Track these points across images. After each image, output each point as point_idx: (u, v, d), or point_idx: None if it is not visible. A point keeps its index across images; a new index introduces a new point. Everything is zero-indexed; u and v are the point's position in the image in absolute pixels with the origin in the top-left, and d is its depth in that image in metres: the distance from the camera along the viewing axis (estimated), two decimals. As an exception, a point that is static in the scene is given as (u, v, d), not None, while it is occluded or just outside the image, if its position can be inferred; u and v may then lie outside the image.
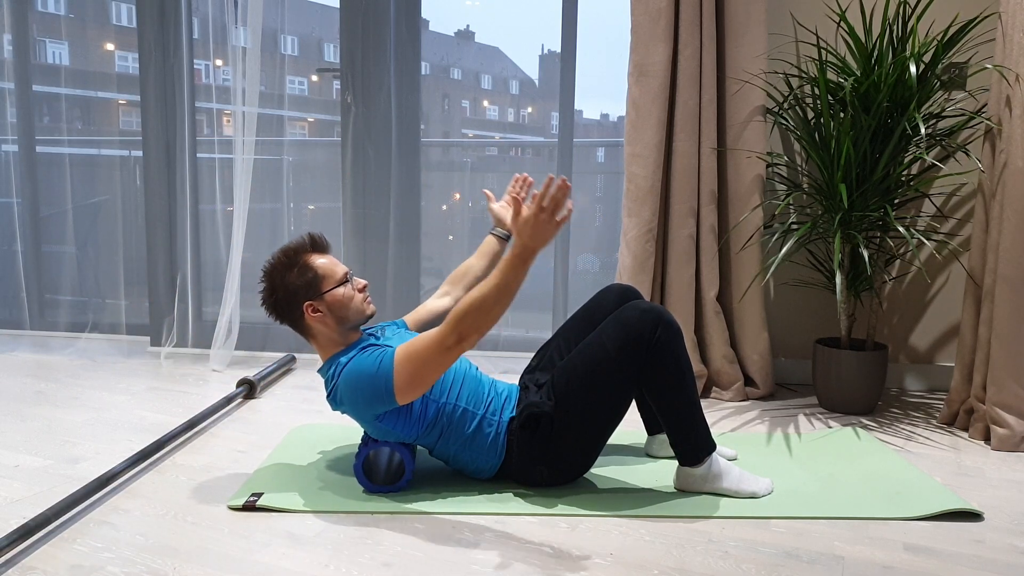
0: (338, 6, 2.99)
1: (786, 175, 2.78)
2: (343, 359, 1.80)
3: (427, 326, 2.09)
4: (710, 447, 1.80)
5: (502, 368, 2.94)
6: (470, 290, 2.00)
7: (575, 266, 3.12)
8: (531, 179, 2.07)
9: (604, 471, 1.98)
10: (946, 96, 2.65)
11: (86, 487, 1.73)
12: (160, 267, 3.22)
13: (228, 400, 2.46)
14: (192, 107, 3.13)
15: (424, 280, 3.18)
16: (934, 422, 2.43)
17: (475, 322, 1.62)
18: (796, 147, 2.76)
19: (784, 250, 2.36)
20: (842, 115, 2.43)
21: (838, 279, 2.29)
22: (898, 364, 2.81)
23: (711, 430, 2.32)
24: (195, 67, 3.13)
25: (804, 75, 2.66)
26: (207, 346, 3.16)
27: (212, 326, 3.09)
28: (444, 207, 3.19)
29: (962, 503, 1.74)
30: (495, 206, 2.15)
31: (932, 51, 2.43)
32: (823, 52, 2.70)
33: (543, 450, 1.80)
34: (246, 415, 2.45)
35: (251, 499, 1.76)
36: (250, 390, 2.62)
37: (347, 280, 1.85)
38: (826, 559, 1.54)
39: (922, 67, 2.39)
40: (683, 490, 1.84)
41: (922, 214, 2.74)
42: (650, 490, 1.86)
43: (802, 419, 2.46)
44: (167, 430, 2.29)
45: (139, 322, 3.35)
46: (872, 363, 2.47)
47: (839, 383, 2.50)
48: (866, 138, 2.33)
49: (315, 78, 3.32)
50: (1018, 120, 2.14)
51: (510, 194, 2.13)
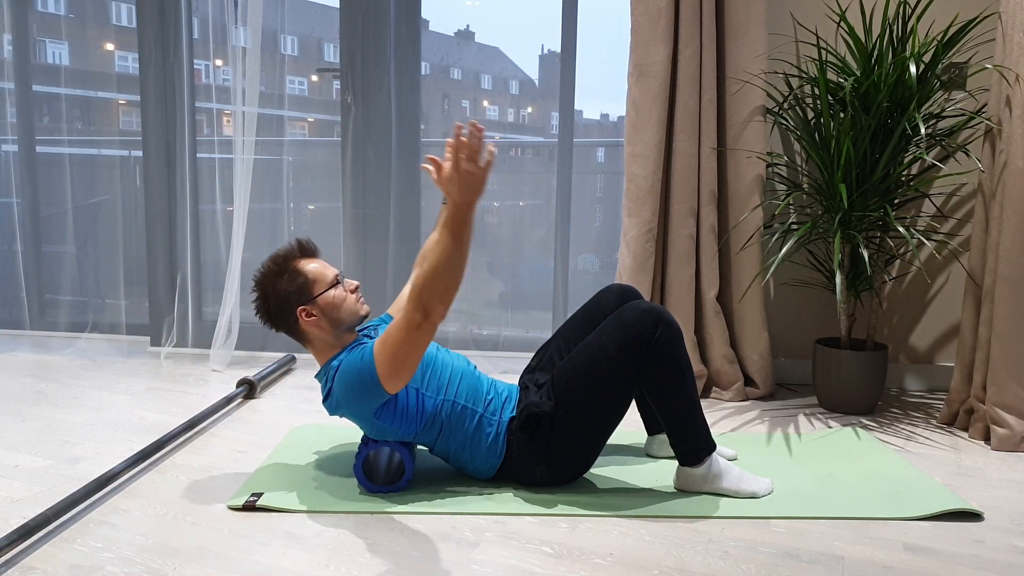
0: (338, 6, 2.99)
1: (786, 175, 2.78)
2: (335, 363, 1.81)
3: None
4: (710, 447, 1.80)
5: (502, 368, 2.94)
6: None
7: (575, 266, 3.12)
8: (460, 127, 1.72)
9: (604, 471, 1.98)
10: (946, 96, 2.65)
11: (86, 487, 1.73)
12: (160, 267, 3.22)
13: (228, 400, 2.46)
14: (192, 107, 3.13)
15: (424, 280, 3.18)
16: (934, 422, 2.43)
17: (433, 294, 1.59)
18: (796, 147, 2.76)
19: (784, 250, 2.36)
20: (842, 115, 2.43)
21: (838, 279, 2.29)
22: (898, 364, 2.81)
23: (711, 430, 2.33)
24: (195, 67, 3.13)
25: (804, 75, 2.66)
26: (207, 346, 3.16)
27: (212, 326, 3.09)
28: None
29: (962, 503, 1.74)
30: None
31: (932, 51, 2.43)
32: (823, 52, 2.70)
33: (543, 450, 1.80)
34: (246, 415, 2.45)
35: (251, 499, 1.76)
36: (250, 390, 2.62)
37: (338, 282, 1.85)
38: (826, 559, 1.54)
39: (922, 67, 2.39)
40: (683, 490, 1.84)
41: (922, 214, 2.74)
42: (650, 490, 1.86)
43: (802, 419, 2.46)
44: (167, 430, 2.29)
45: (139, 322, 3.35)
46: (872, 363, 2.47)
47: (839, 383, 2.50)
48: (866, 138, 2.33)
49: (315, 78, 3.32)
50: (1018, 120, 2.14)
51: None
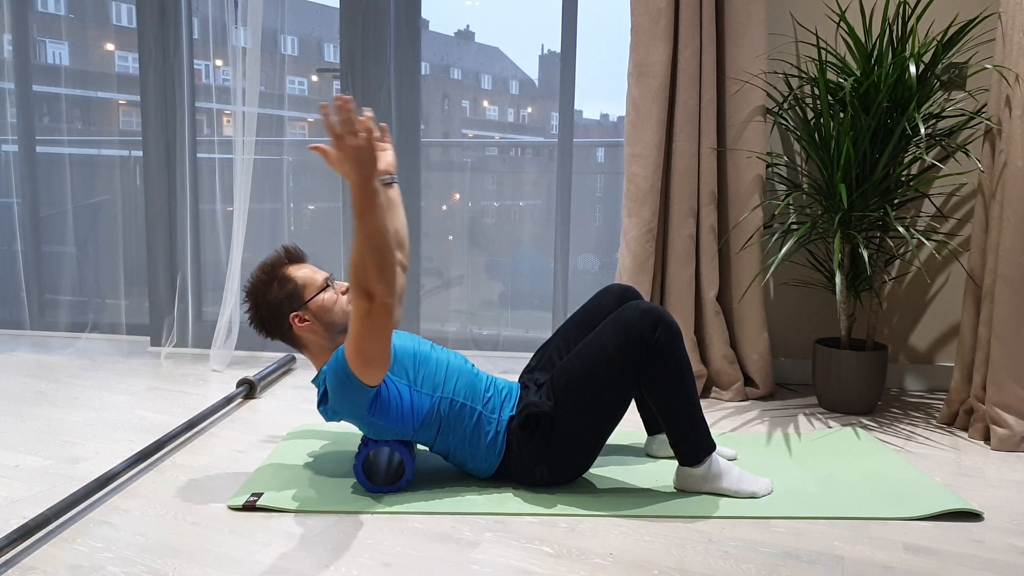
0: (338, 6, 2.99)
1: (786, 175, 2.78)
2: (325, 368, 1.80)
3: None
4: (710, 447, 1.80)
5: (502, 368, 2.94)
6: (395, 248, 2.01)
7: (575, 266, 3.12)
8: (325, 105, 1.55)
9: (604, 471, 1.98)
10: (946, 96, 2.65)
11: (86, 487, 1.73)
12: (160, 267, 3.22)
13: (228, 400, 2.46)
14: (192, 107, 3.13)
15: (424, 280, 3.18)
16: (934, 422, 2.43)
17: (366, 276, 1.56)
18: (796, 147, 2.76)
19: (784, 250, 2.36)
20: (842, 115, 2.43)
21: (838, 279, 2.29)
22: (898, 364, 2.81)
23: (711, 430, 2.33)
24: (195, 67, 3.13)
25: (804, 75, 2.66)
26: (207, 346, 3.16)
27: (212, 326, 3.09)
28: (444, 207, 3.18)
29: (962, 503, 1.74)
30: None
31: (932, 51, 2.43)
32: (823, 52, 2.70)
33: (542, 450, 1.80)
34: (246, 415, 2.45)
35: (251, 499, 1.76)
36: (250, 390, 2.62)
37: (328, 285, 1.85)
38: (826, 559, 1.54)
39: (922, 67, 2.39)
40: (683, 490, 1.84)
41: (922, 214, 2.74)
42: (650, 490, 1.86)
43: (802, 419, 2.46)
44: (167, 430, 2.29)
45: (139, 322, 3.35)
46: (872, 363, 2.47)
47: (839, 383, 2.50)
48: (866, 138, 2.33)
49: (315, 78, 3.32)
50: (1018, 120, 2.14)
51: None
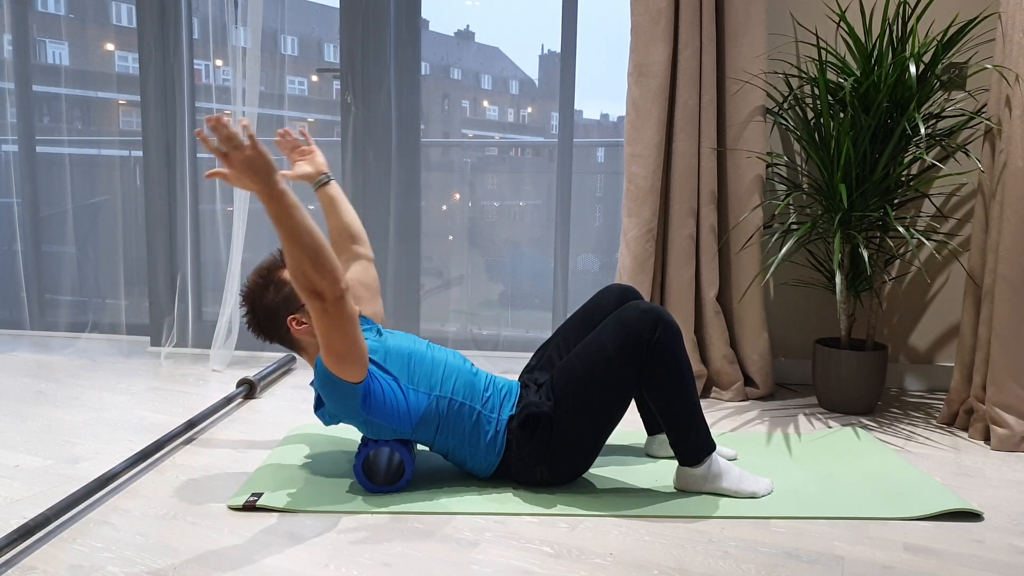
0: (338, 6, 2.99)
1: (786, 175, 2.78)
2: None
3: (367, 290, 2.06)
4: (710, 447, 1.80)
5: (502, 368, 2.95)
6: (353, 246, 2.05)
7: (575, 266, 3.12)
8: (200, 131, 1.57)
9: (604, 471, 1.98)
10: (946, 96, 2.65)
11: (86, 487, 1.72)
12: (160, 267, 3.22)
13: (228, 400, 2.46)
14: (192, 107, 3.13)
15: (424, 280, 3.18)
16: (934, 422, 2.43)
17: (308, 277, 1.55)
18: (796, 147, 2.77)
19: (784, 250, 2.36)
20: (842, 115, 2.43)
21: (838, 279, 2.29)
22: (898, 364, 2.81)
23: (711, 430, 2.33)
24: (195, 67, 3.13)
25: (804, 75, 2.66)
26: (207, 346, 3.16)
27: (212, 326, 3.09)
28: (444, 207, 3.18)
29: (962, 503, 1.74)
30: (291, 173, 2.03)
31: (932, 51, 2.43)
32: (823, 52, 2.70)
33: (542, 450, 1.80)
34: (246, 415, 2.45)
35: (251, 499, 1.76)
36: (250, 390, 2.62)
37: None
38: (826, 559, 1.54)
39: (922, 67, 2.39)
40: (683, 490, 1.84)
41: (922, 214, 2.74)
42: (650, 490, 1.86)
43: (802, 419, 2.46)
44: (167, 430, 2.29)
45: (139, 322, 3.35)
46: (872, 363, 2.47)
47: (839, 383, 2.50)
48: (866, 138, 2.33)
49: (315, 78, 3.32)
50: (1018, 120, 2.14)
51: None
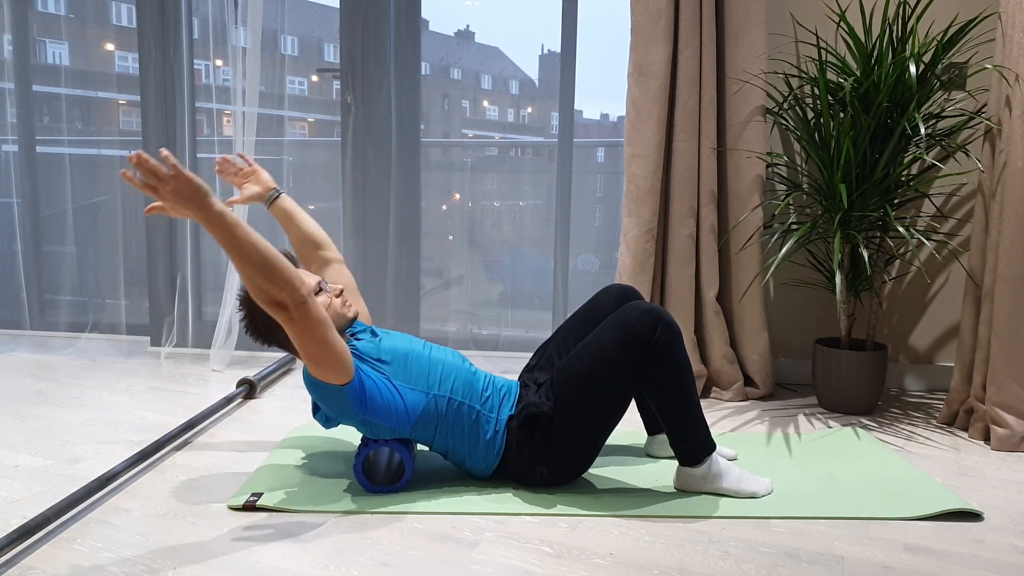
0: (338, 6, 2.99)
1: (786, 175, 2.78)
2: None
3: (346, 291, 2.03)
4: (710, 447, 1.80)
5: (502, 368, 2.95)
6: (319, 252, 2.05)
7: (575, 266, 3.12)
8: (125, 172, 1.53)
9: (604, 471, 1.98)
10: (946, 96, 2.65)
11: (86, 487, 1.73)
12: (160, 267, 3.22)
13: (228, 400, 2.46)
14: (192, 107, 3.13)
15: (424, 280, 3.18)
16: (934, 422, 2.43)
17: (265, 290, 1.55)
18: (796, 147, 2.77)
19: (784, 250, 2.36)
20: (842, 115, 2.43)
21: (838, 279, 2.29)
22: (898, 364, 2.81)
23: (711, 430, 2.33)
24: (195, 67, 3.13)
25: (804, 75, 2.66)
26: (207, 346, 3.16)
27: (212, 326, 3.09)
28: (444, 207, 3.18)
29: (962, 503, 1.74)
30: (240, 198, 2.05)
31: (932, 51, 2.43)
32: (823, 52, 2.70)
33: (542, 450, 1.80)
34: (246, 415, 2.45)
35: (251, 499, 1.76)
36: (250, 390, 2.62)
37: (321, 289, 1.85)
38: (826, 559, 1.54)
39: (922, 67, 2.39)
40: (683, 490, 1.84)
41: (922, 214, 2.74)
42: (650, 490, 1.86)
43: (802, 419, 2.46)
44: (167, 430, 2.29)
45: (139, 322, 3.35)
46: (872, 363, 2.47)
47: (839, 383, 2.50)
48: (866, 138, 2.33)
49: (315, 78, 3.32)
50: (1018, 120, 2.14)
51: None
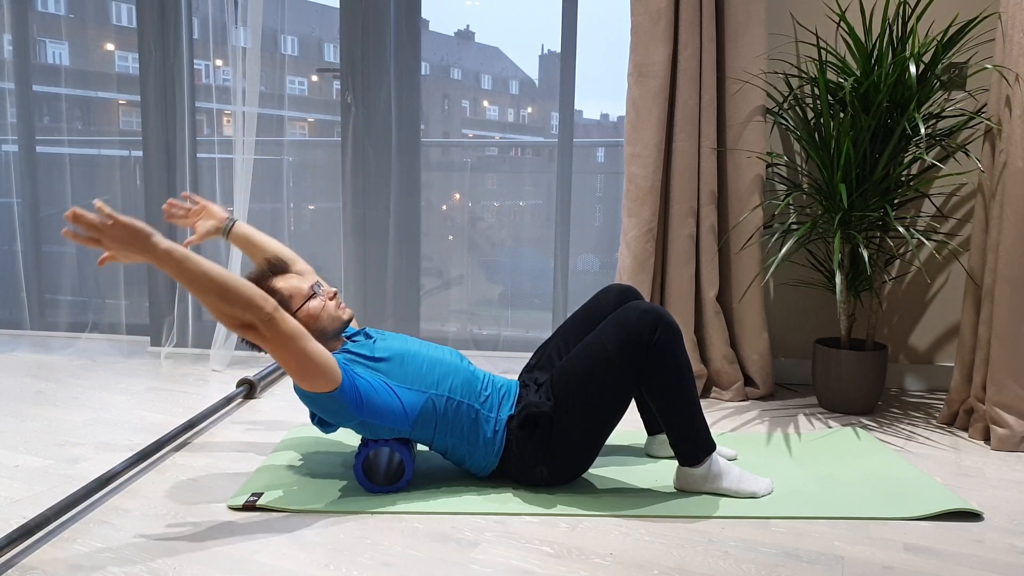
0: (338, 6, 2.99)
1: (786, 175, 2.78)
2: None
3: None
4: (710, 447, 1.80)
5: (502, 368, 2.95)
6: (291, 269, 2.02)
7: (575, 266, 3.12)
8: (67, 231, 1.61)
9: (604, 471, 1.98)
10: (946, 96, 2.65)
11: (86, 487, 1.73)
12: (160, 267, 3.21)
13: (228, 400, 2.46)
14: (192, 107, 3.13)
15: (424, 280, 3.18)
16: (934, 422, 2.43)
17: (229, 315, 1.57)
18: (796, 147, 2.76)
19: (784, 250, 2.36)
20: (842, 115, 2.43)
21: (838, 279, 2.29)
22: (898, 364, 2.81)
23: (711, 430, 2.33)
24: (195, 67, 3.13)
25: (804, 75, 2.66)
26: (207, 346, 3.16)
27: (212, 326, 3.09)
28: (444, 207, 3.18)
29: (962, 503, 1.74)
30: (195, 237, 2.08)
31: (932, 51, 2.43)
32: (823, 52, 2.70)
33: (542, 450, 1.80)
34: (246, 415, 2.45)
35: (251, 499, 1.76)
36: (250, 390, 2.62)
37: (315, 293, 1.85)
38: (826, 559, 1.54)
39: (922, 67, 2.39)
40: (683, 490, 1.84)
41: (922, 214, 2.74)
42: (650, 490, 1.86)
43: (802, 419, 2.46)
44: (167, 430, 2.29)
45: (139, 322, 3.35)
46: (872, 363, 2.47)
47: (839, 383, 2.50)
48: (866, 138, 2.33)
49: (315, 78, 3.32)
50: (1018, 120, 2.14)
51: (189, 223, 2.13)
